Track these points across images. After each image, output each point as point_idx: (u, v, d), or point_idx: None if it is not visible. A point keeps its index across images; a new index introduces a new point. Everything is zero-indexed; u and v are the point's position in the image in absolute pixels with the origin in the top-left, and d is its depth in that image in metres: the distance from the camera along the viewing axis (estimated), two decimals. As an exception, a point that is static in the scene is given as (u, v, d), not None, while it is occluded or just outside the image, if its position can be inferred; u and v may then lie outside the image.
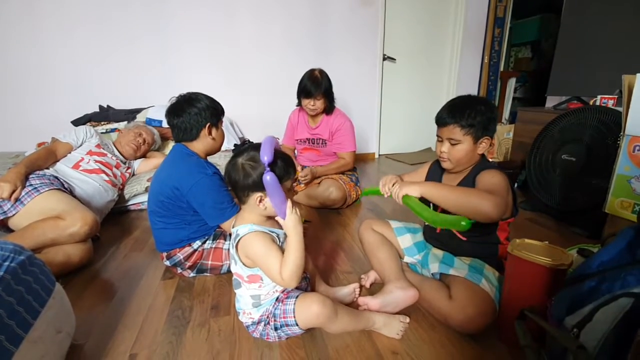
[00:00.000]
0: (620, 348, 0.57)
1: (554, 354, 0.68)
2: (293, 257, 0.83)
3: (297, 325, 0.88)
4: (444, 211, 0.95)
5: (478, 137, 0.98)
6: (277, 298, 0.93)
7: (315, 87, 1.91)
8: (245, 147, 0.89)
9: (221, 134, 1.30)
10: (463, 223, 0.85)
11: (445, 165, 1.06)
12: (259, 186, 0.83)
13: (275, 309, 0.91)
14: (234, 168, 0.86)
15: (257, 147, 0.86)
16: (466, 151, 1.00)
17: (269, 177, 0.79)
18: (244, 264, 0.89)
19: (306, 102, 1.97)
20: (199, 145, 1.24)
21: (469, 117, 0.96)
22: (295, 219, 0.85)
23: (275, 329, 0.91)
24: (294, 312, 0.88)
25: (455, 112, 0.98)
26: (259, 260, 0.86)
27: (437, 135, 1.05)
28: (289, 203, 0.85)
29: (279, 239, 0.90)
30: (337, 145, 2.08)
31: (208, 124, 1.22)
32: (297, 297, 0.91)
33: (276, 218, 0.88)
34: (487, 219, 0.86)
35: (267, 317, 0.92)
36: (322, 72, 1.96)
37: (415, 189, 0.96)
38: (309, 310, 0.87)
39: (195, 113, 1.19)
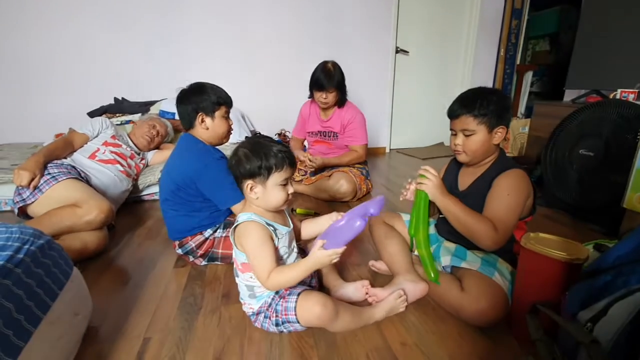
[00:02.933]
0: (637, 343, 0.56)
1: (566, 348, 0.67)
2: (293, 274, 0.84)
3: (298, 322, 0.88)
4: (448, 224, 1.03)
5: (492, 126, 0.96)
6: (278, 292, 0.93)
7: (328, 80, 1.89)
8: (249, 139, 0.92)
9: (218, 124, 1.26)
10: (432, 275, 0.99)
11: (460, 158, 1.04)
12: (249, 174, 0.87)
13: (276, 305, 0.91)
14: (233, 156, 0.90)
15: (257, 137, 0.91)
16: (481, 142, 0.98)
17: (358, 223, 0.85)
18: (236, 246, 0.91)
19: (318, 95, 1.96)
20: (200, 134, 1.26)
21: (481, 106, 0.95)
22: (327, 260, 0.84)
23: (277, 324, 0.91)
24: (295, 309, 0.87)
25: (467, 103, 0.97)
26: (249, 253, 0.87)
27: (451, 129, 1.04)
28: (340, 250, 0.84)
29: (276, 234, 0.90)
30: (348, 138, 2.08)
31: (200, 114, 1.23)
32: (299, 294, 0.89)
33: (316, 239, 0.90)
34: (482, 247, 0.96)
35: (267, 309, 0.92)
36: (335, 64, 1.94)
37: (434, 194, 1.00)
38: (310, 312, 0.86)
39: (190, 102, 1.22)
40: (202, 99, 1.22)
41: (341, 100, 2.02)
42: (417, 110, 3.71)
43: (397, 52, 3.37)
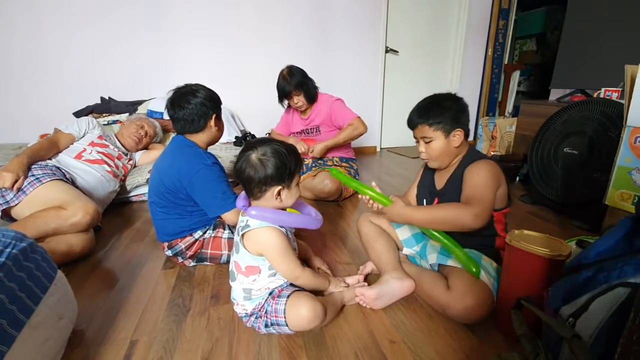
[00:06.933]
0: (616, 337, 0.57)
1: (549, 343, 0.69)
2: (310, 284, 0.97)
3: (287, 326, 0.88)
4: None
5: (448, 131, 1.01)
6: (271, 293, 0.93)
7: (287, 85, 1.96)
8: (254, 142, 0.89)
9: (222, 123, 1.31)
10: (474, 269, 0.95)
11: (430, 165, 1.10)
12: (277, 179, 0.85)
13: (268, 305, 0.91)
14: (249, 163, 0.85)
15: (264, 141, 0.87)
16: (441, 147, 1.03)
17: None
18: (248, 251, 0.89)
19: (290, 102, 2.04)
20: (202, 137, 1.24)
21: (435, 114, 1.01)
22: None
23: (266, 325, 0.91)
24: (284, 312, 0.88)
25: (423, 112, 1.04)
26: (275, 259, 0.88)
27: (414, 137, 1.09)
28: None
29: (287, 233, 0.92)
30: (340, 121, 2.08)
31: (214, 115, 1.23)
32: (288, 296, 0.90)
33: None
34: (469, 229, 0.92)
35: (259, 310, 0.92)
36: (290, 68, 1.99)
37: (396, 218, 1.04)
38: (298, 313, 0.87)
39: (200, 104, 1.19)
40: (210, 99, 1.21)
41: (311, 95, 2.04)
42: (407, 110, 3.67)
43: (386, 51, 3.38)
